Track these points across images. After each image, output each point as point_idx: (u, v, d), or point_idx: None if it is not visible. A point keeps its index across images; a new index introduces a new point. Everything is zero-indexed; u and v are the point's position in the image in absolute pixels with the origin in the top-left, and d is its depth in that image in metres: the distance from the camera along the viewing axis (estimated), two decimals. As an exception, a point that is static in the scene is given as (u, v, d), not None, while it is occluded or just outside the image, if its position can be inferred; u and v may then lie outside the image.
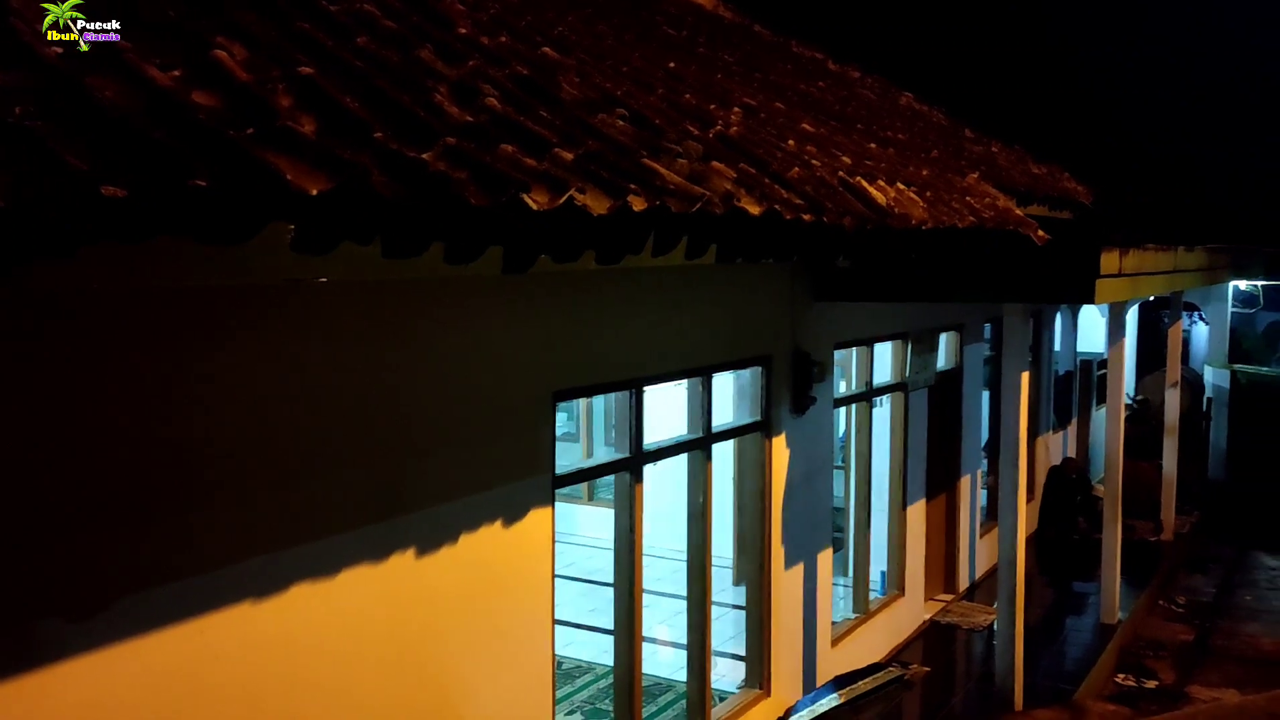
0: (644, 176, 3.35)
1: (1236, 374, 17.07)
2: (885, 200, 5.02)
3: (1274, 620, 11.50)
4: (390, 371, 4.29)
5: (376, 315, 4.21)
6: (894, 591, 9.32)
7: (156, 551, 3.43)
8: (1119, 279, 7.47)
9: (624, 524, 5.86)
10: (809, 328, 7.55)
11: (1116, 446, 10.28)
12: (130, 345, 3.34)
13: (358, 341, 4.14)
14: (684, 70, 5.64)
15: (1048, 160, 11.48)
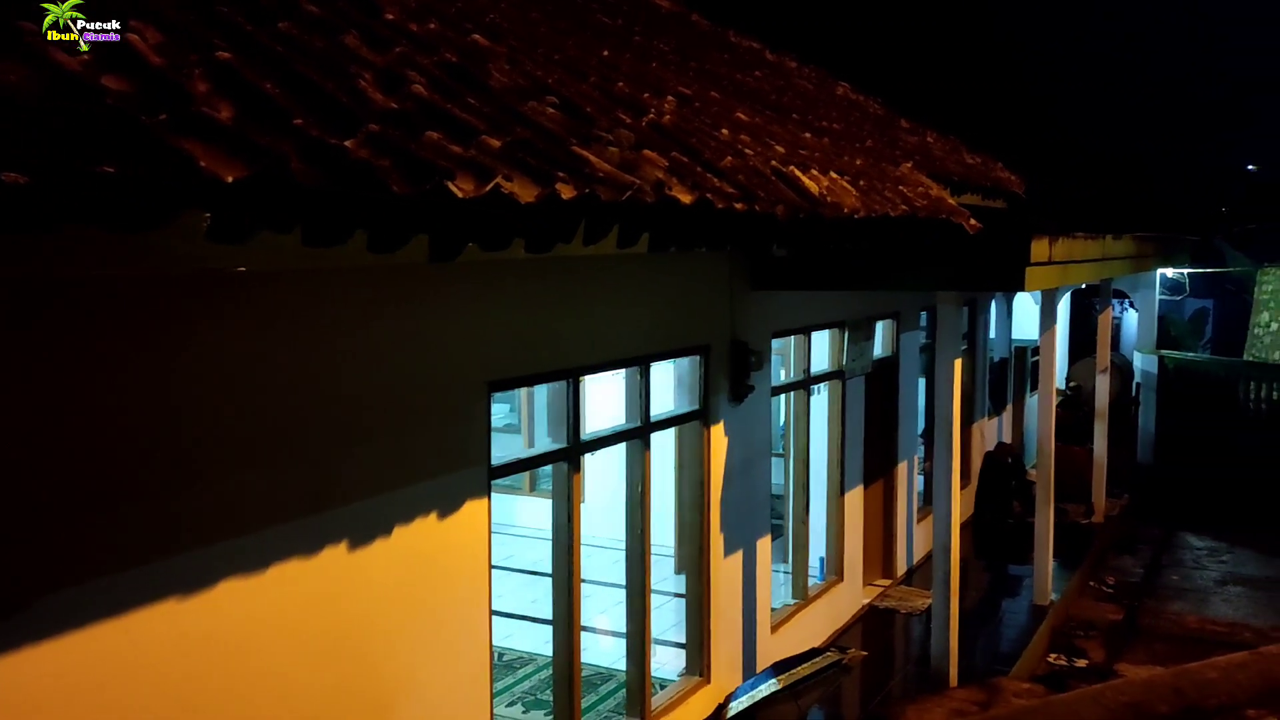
0: (574, 164, 3.34)
1: (1164, 360, 17.48)
2: (818, 189, 5.06)
3: (1198, 599, 11.83)
4: (320, 362, 4.23)
5: (305, 304, 4.14)
6: (833, 577, 9.41)
7: (77, 549, 3.35)
8: (1049, 267, 7.60)
9: (562, 514, 5.85)
10: (747, 316, 7.59)
11: (1048, 432, 10.48)
12: (43, 338, 3.26)
13: (287, 331, 4.07)
14: (618, 58, 5.63)
15: (982, 150, 11.64)
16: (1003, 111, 18.21)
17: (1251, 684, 1.53)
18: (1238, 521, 14.54)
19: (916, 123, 11.03)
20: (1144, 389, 17.41)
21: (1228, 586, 12.29)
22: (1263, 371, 17.37)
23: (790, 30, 12.13)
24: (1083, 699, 1.57)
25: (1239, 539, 13.99)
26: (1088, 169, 20.93)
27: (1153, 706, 1.49)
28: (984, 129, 13.92)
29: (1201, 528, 14.50)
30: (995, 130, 15.03)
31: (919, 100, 12.56)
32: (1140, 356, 17.81)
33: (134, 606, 3.51)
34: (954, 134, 11.50)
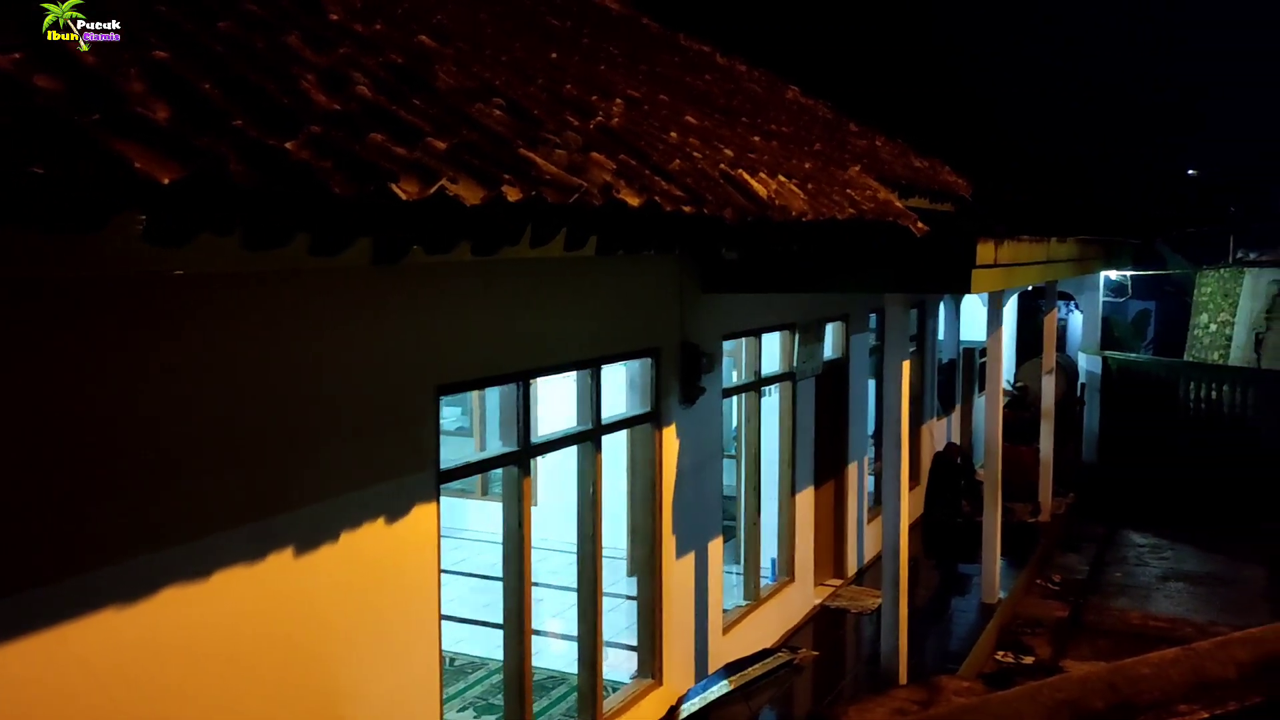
0: (520, 167, 3.33)
1: (1108, 361, 17.79)
2: (766, 192, 5.08)
3: (1141, 595, 12.06)
4: (266, 366, 4.18)
5: (250, 308, 4.09)
6: (784, 578, 9.47)
7: (13, 557, 3.28)
8: (995, 269, 7.72)
9: (512, 518, 5.82)
10: (698, 319, 7.61)
11: (995, 432, 10.62)
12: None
13: (230, 336, 4.02)
14: (567, 61, 5.62)
15: (929, 154, 11.78)
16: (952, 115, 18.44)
17: (1183, 679, 1.56)
18: (1179, 519, 14.85)
19: (865, 126, 11.13)
20: (1088, 389, 17.72)
21: (1169, 583, 12.54)
22: (1202, 372, 17.77)
23: (741, 34, 12.20)
24: (1020, 697, 1.59)
25: (1180, 536, 14.28)
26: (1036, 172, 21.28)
27: (1088, 703, 1.51)
28: (932, 133, 14.08)
29: (1144, 525, 14.78)
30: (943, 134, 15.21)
31: (868, 104, 12.68)
32: (1085, 357, 18.12)
33: (73, 616, 3.44)
34: (902, 138, 11.62)
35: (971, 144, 17.19)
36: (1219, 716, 1.53)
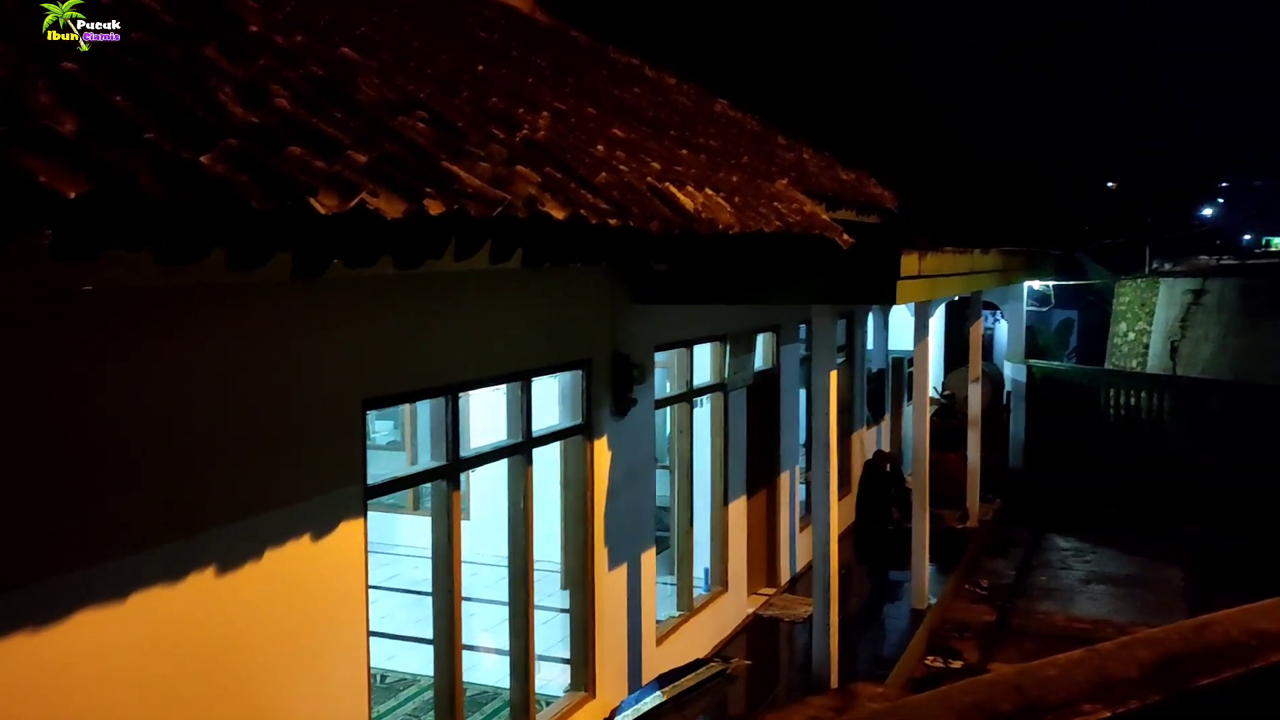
0: (443, 180, 3.32)
1: (1032, 369, 18.20)
2: (693, 205, 5.12)
3: (1065, 598, 12.34)
4: (185, 382, 4.10)
5: (169, 322, 4.01)
6: (718, 588, 9.51)
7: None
8: (919, 280, 7.86)
9: (442, 532, 5.78)
10: (629, 330, 7.63)
11: (923, 440, 10.80)
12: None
13: (151, 349, 3.94)
14: (493, 73, 5.61)
15: (856, 166, 11.95)
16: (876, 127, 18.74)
17: (1088, 680, 1.60)
18: (1101, 522, 15.23)
19: (794, 139, 11.27)
20: (1014, 397, 18.10)
21: (1092, 585, 12.84)
22: (1121, 379, 18.27)
23: (669, 48, 12.27)
24: (931, 701, 1.62)
25: (1102, 539, 14.64)
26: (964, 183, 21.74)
27: (995, 705, 1.54)
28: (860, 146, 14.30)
29: (1068, 529, 15.12)
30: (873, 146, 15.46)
31: (796, 117, 12.84)
32: (1010, 366, 18.52)
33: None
34: (828, 150, 11.78)
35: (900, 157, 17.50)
36: (1121, 715, 1.57)
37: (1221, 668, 1.54)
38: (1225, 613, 1.58)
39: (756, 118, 11.43)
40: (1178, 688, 1.55)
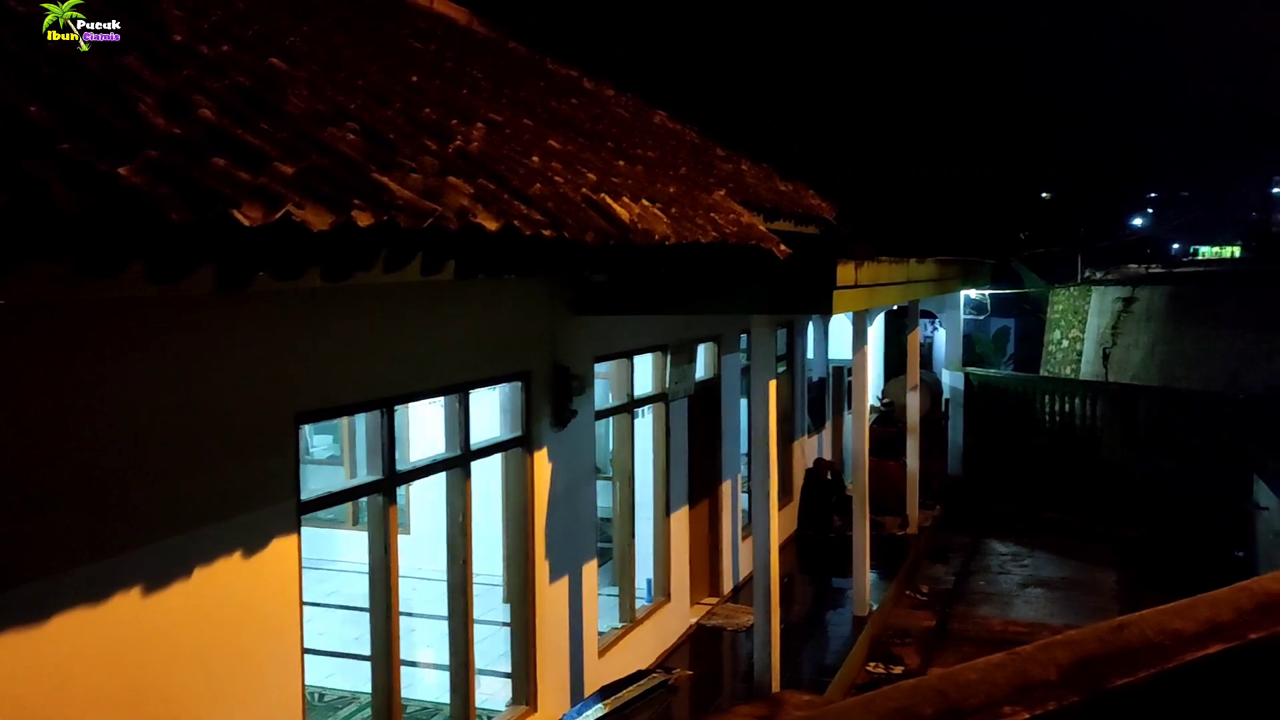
0: (372, 191, 3.29)
1: (969, 377, 18.48)
2: (629, 216, 5.13)
3: (1003, 602, 12.52)
4: (113, 396, 4.01)
5: (92, 334, 3.92)
6: (660, 598, 9.51)
7: None
8: (855, 290, 7.95)
9: (378, 547, 5.71)
10: (569, 342, 7.62)
11: (862, 447, 10.90)
12: None
13: (71, 364, 3.85)
14: (427, 85, 5.58)
15: (795, 178, 12.07)
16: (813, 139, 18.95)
17: (1008, 682, 1.62)
18: (1038, 527, 15.50)
19: (732, 150, 11.35)
20: (952, 404, 18.37)
21: (1028, 589, 13.05)
22: (1055, 385, 18.62)
23: (608, 60, 12.30)
24: (855, 707, 1.63)
25: (1038, 543, 14.89)
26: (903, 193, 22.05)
27: (918, 710, 1.56)
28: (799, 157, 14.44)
29: (1006, 534, 15.36)
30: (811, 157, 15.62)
31: (734, 128, 12.93)
32: (948, 374, 18.79)
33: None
34: (767, 162, 11.88)
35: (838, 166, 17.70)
36: (1039, 716, 1.59)
37: (1137, 668, 1.56)
38: (1141, 614, 1.60)
39: (695, 129, 11.50)
40: (1095, 688, 1.57)
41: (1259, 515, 12.05)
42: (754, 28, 20.84)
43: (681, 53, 19.12)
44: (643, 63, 15.13)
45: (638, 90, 11.77)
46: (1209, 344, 18.17)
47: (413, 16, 8.41)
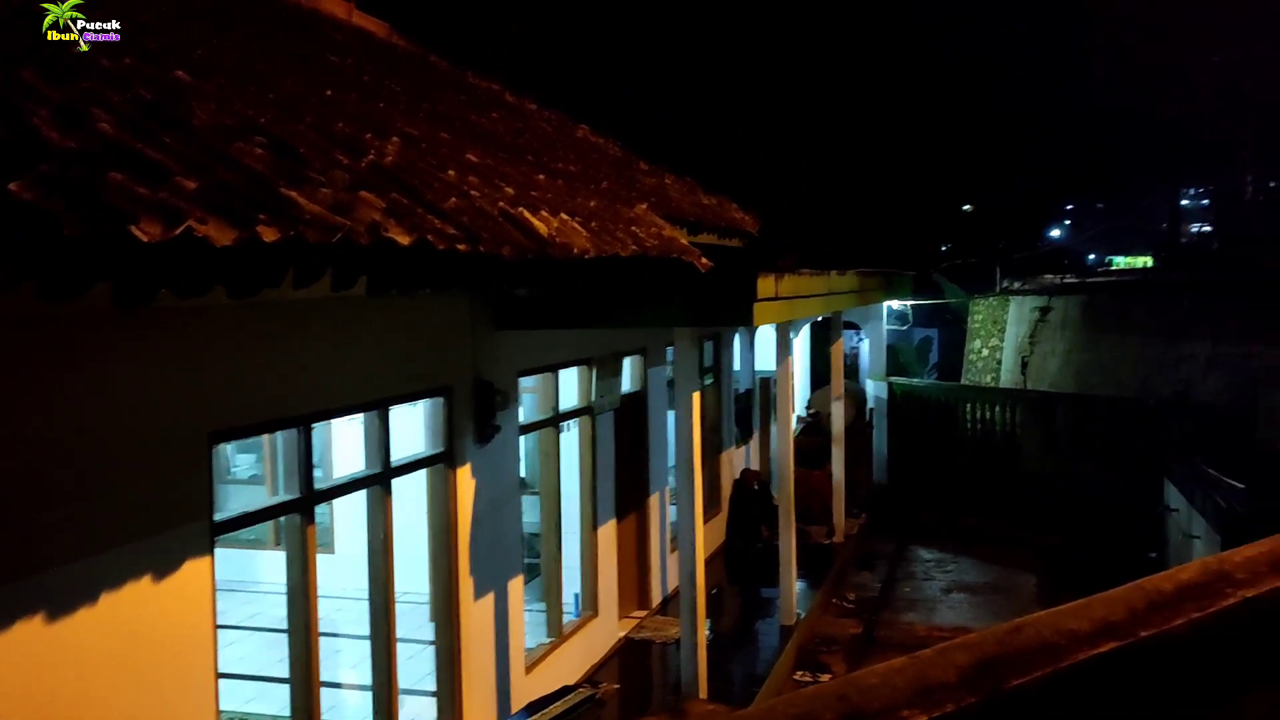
0: (280, 206, 3.24)
1: (893, 386, 18.77)
2: (548, 230, 5.13)
3: (928, 608, 12.73)
4: (14, 416, 3.89)
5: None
6: (588, 613, 9.49)
7: None
8: (776, 302, 8.04)
9: (296, 568, 5.61)
10: (492, 356, 7.58)
11: (787, 458, 11.01)
12: None
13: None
14: (342, 98, 5.53)
15: (719, 191, 12.17)
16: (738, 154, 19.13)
17: (908, 685, 1.64)
18: (961, 533, 15.78)
19: (656, 165, 11.41)
20: (877, 414, 18.63)
21: (952, 594, 13.29)
22: (976, 394, 19.00)
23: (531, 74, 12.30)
24: (757, 715, 1.64)
25: (962, 549, 15.17)
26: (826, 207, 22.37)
27: (819, 715, 1.58)
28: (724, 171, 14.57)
29: (930, 540, 15.62)
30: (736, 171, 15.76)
31: (660, 142, 13.01)
32: (872, 384, 19.07)
33: None
34: (692, 176, 11.97)
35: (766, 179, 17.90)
36: (938, 718, 1.61)
37: (1032, 668, 1.59)
38: (1038, 615, 1.64)
39: (619, 143, 11.54)
40: (992, 689, 1.60)
41: (1169, 517, 12.42)
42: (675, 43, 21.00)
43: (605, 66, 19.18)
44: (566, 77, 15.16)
45: (561, 104, 11.79)
46: (1121, 352, 18.70)
47: (331, 30, 8.32)
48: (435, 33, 10.97)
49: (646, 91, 19.60)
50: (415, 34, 10.01)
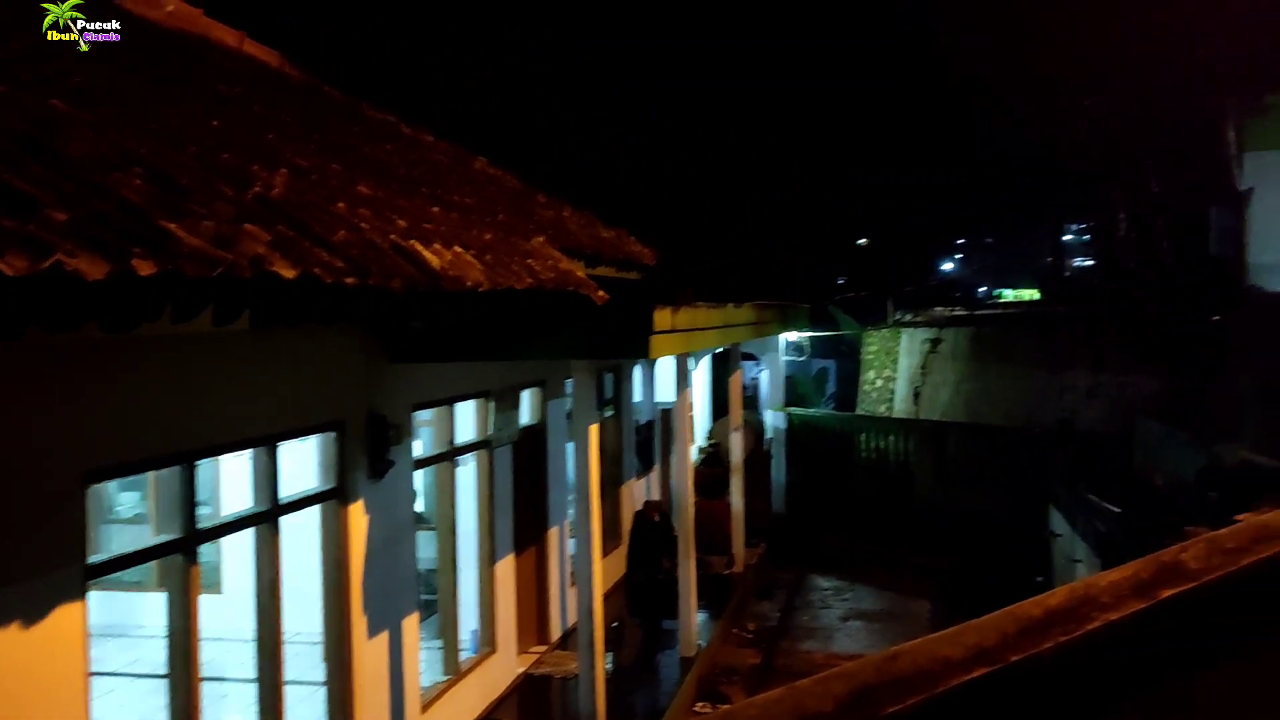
0: (157, 239, 3.17)
1: (790, 416, 19.07)
2: (440, 263, 5.10)
3: (826, 636, 12.89)
4: None
5: None
6: (486, 649, 9.36)
7: None
8: (673, 334, 8.11)
9: (178, 610, 5.42)
10: (386, 390, 7.47)
11: (686, 489, 11.08)
12: None
13: None
14: (230, 128, 5.42)
15: (617, 224, 12.25)
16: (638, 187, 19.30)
17: (786, 715, 1.67)
18: (858, 560, 16.06)
19: (554, 198, 11.44)
20: (775, 444, 18.90)
21: (850, 622, 13.49)
22: (872, 424, 19.41)
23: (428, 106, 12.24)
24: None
25: (859, 576, 15.43)
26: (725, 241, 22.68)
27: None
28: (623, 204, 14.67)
29: (828, 569, 15.85)
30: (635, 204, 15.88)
31: (557, 175, 13.05)
32: (771, 414, 19.34)
33: None
34: (590, 209, 12.03)
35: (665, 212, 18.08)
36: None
37: (908, 695, 1.63)
38: (915, 642, 1.68)
39: (517, 175, 11.55)
40: (868, 717, 1.64)
41: (1055, 542, 12.83)
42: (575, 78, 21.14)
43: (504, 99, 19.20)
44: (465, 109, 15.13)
45: (459, 137, 11.74)
46: (1009, 382, 19.32)
47: (220, 59, 8.16)
48: (330, 64, 10.85)
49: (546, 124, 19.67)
50: (309, 65, 9.87)
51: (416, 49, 17.50)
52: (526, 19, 20.18)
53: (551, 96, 20.33)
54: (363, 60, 13.32)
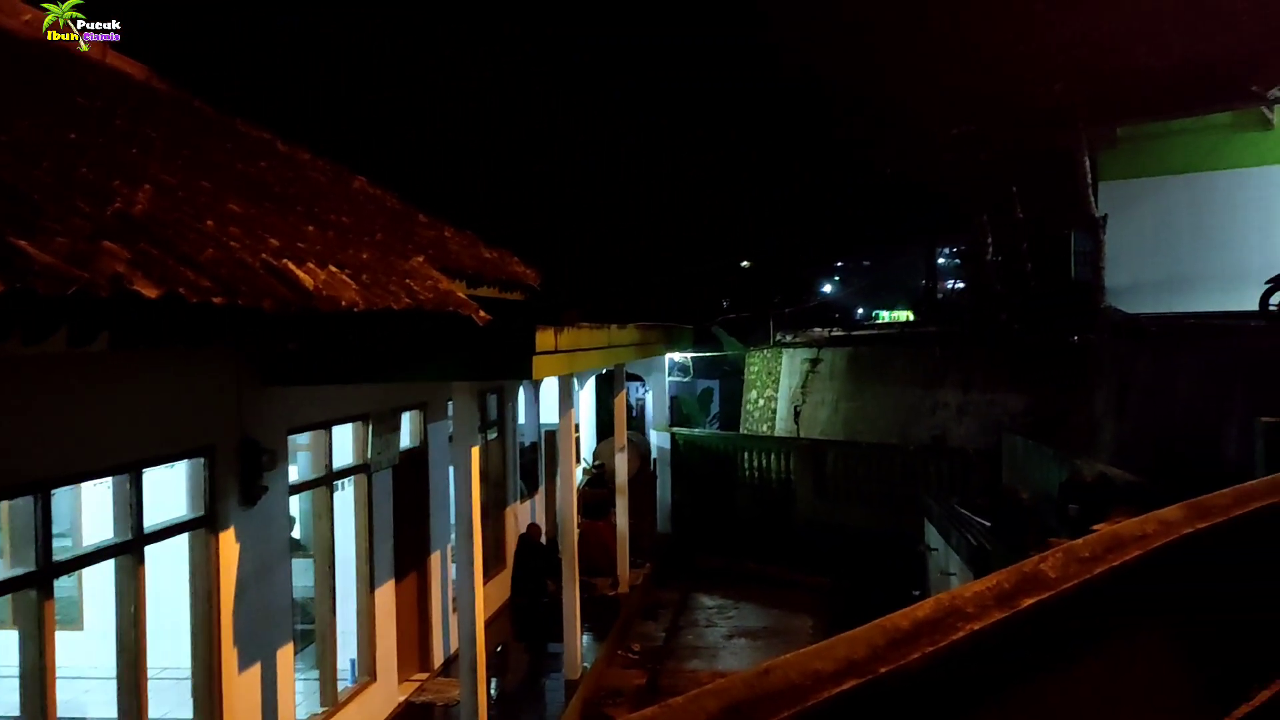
0: (6, 256, 3.01)
1: (675, 436, 19.18)
2: (314, 283, 4.98)
3: (711, 655, 12.96)
4: None
5: None
6: (365, 678, 9.13)
7: None
8: (556, 355, 8.08)
9: (31, 647, 5.13)
10: (259, 414, 7.24)
11: (570, 510, 11.04)
12: None
13: None
14: (89, 142, 5.20)
15: (500, 245, 12.17)
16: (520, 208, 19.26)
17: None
18: (741, 579, 16.21)
19: (435, 218, 11.30)
20: (660, 464, 18.97)
21: (734, 640, 13.59)
22: (754, 443, 19.66)
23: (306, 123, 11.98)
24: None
25: (743, 595, 15.58)
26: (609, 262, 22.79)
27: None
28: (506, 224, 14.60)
29: (712, 587, 15.96)
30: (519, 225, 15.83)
31: (438, 196, 12.92)
32: (656, 434, 19.42)
33: None
34: (473, 229, 11.92)
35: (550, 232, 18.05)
36: (688, 766, 1.63)
37: (780, 708, 1.64)
38: (786, 657, 1.69)
39: (397, 195, 11.38)
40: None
41: (929, 556, 13.18)
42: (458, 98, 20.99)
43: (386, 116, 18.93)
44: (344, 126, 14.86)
45: (338, 155, 11.51)
46: (884, 400, 19.82)
47: (82, 71, 7.81)
48: (201, 78, 10.52)
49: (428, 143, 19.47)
50: (179, 78, 9.55)
51: (294, 64, 17.12)
52: (418, 37, 19.99)
53: (433, 114, 20.13)
54: (237, 74, 12.96)
